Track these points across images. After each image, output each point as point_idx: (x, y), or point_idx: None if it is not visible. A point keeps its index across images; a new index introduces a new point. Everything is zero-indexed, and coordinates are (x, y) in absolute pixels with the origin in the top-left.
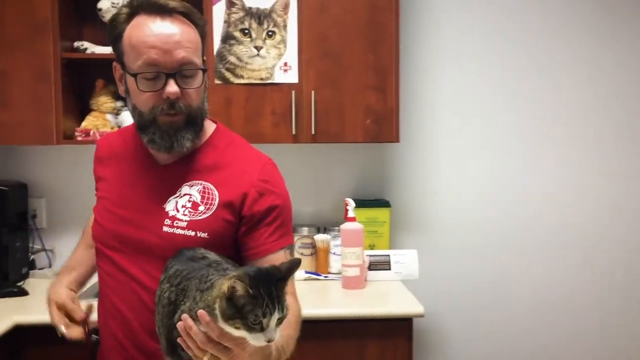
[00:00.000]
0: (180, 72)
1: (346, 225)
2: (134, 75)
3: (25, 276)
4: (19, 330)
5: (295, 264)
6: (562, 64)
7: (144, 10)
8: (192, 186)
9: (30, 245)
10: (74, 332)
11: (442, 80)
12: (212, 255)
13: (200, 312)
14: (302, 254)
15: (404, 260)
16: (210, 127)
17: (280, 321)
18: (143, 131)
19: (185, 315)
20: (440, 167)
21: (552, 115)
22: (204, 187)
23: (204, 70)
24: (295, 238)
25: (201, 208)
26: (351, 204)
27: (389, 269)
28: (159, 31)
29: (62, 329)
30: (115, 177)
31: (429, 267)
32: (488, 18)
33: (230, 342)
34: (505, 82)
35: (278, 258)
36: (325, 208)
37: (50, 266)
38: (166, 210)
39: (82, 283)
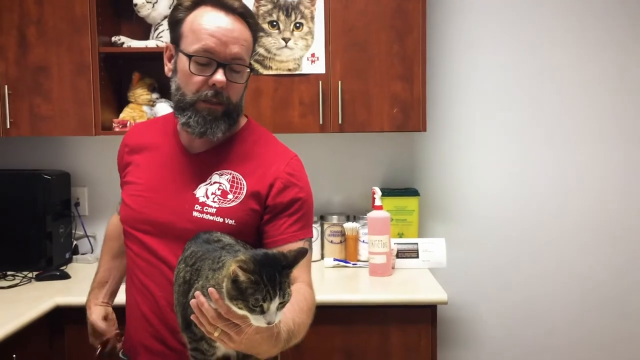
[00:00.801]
0: (231, 65)
1: (373, 214)
2: (189, 57)
3: (68, 260)
4: (59, 311)
5: (301, 254)
6: (599, 52)
7: (209, 3)
8: (222, 175)
9: (74, 231)
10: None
11: (470, 68)
12: (227, 239)
13: (211, 289)
14: (331, 241)
15: (432, 248)
16: (242, 120)
17: (282, 305)
18: (181, 112)
19: (197, 293)
20: (469, 156)
21: (583, 105)
22: (233, 177)
23: (251, 69)
24: (325, 226)
25: (230, 196)
26: (378, 192)
27: (417, 257)
28: (221, 24)
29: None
30: (147, 163)
31: (457, 255)
32: (516, 4)
33: (237, 319)
34: (534, 69)
35: (296, 248)
36: (354, 197)
37: (92, 251)
38: (196, 196)
39: (114, 293)
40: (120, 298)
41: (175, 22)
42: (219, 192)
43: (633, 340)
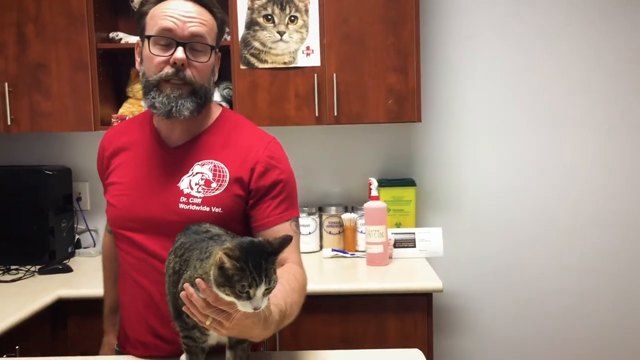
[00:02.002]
0: (191, 43)
1: (370, 204)
2: (149, 38)
3: (71, 254)
4: (62, 303)
5: (286, 240)
6: (595, 43)
7: None
8: (203, 165)
9: (76, 225)
10: None
11: (465, 58)
12: (215, 229)
13: (198, 280)
14: (330, 232)
15: (429, 238)
16: (217, 110)
17: (268, 291)
18: (147, 94)
19: (186, 284)
20: (465, 147)
21: (580, 94)
22: (214, 166)
23: (212, 48)
24: (323, 217)
25: (214, 185)
26: (374, 183)
27: (414, 247)
28: (178, 6)
29: None
30: (128, 162)
31: (454, 245)
32: None
33: (226, 306)
34: (529, 59)
35: (284, 229)
36: (352, 188)
37: (94, 245)
38: (180, 188)
39: None
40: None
41: (140, 16)
42: (202, 182)
43: (630, 324)
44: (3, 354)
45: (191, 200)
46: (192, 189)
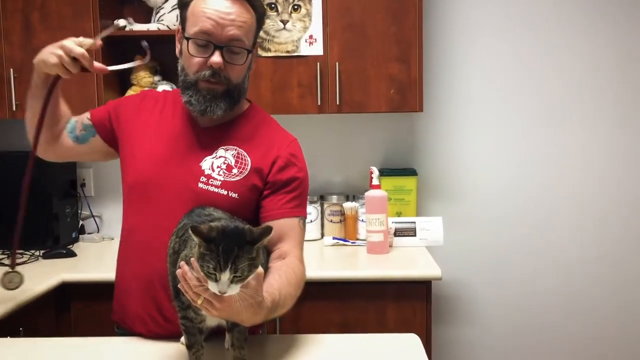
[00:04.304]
0: (228, 46)
1: (370, 193)
2: (188, 39)
3: (75, 240)
4: (66, 287)
5: (267, 231)
6: (600, 36)
7: None
8: (227, 150)
9: (80, 211)
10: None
11: (467, 48)
12: (218, 213)
13: (192, 259)
14: (331, 221)
15: (429, 227)
16: (246, 103)
17: (238, 279)
18: (184, 91)
19: (182, 262)
20: (467, 137)
21: (581, 86)
22: (238, 153)
23: (249, 52)
24: (325, 206)
25: (235, 171)
26: (375, 172)
27: (415, 236)
28: (219, 7)
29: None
30: (159, 130)
31: (454, 234)
32: None
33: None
34: (531, 50)
35: (291, 224)
36: (354, 176)
37: (98, 231)
38: (202, 168)
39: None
40: (109, 275)
41: (182, 5)
42: (224, 166)
43: (628, 315)
44: (7, 335)
45: (211, 181)
46: (213, 170)
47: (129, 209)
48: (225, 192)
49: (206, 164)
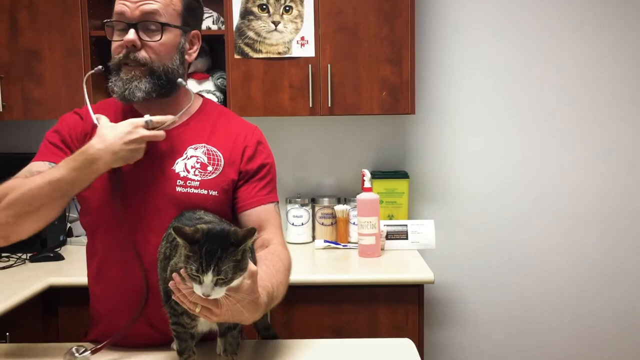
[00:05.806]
0: (141, 22)
1: (362, 196)
2: (106, 26)
3: (62, 243)
4: (53, 291)
5: (250, 233)
6: (592, 37)
7: None
8: (196, 149)
9: (67, 214)
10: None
11: (460, 51)
12: (209, 217)
13: (182, 270)
14: (322, 224)
15: (421, 230)
16: (198, 100)
17: (222, 282)
18: (109, 78)
19: (174, 274)
20: (459, 139)
21: (572, 86)
22: (207, 150)
23: (166, 26)
24: (316, 208)
25: (209, 168)
26: (367, 174)
27: (406, 239)
28: None
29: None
30: None
31: (446, 237)
32: None
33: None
34: (522, 52)
35: (268, 210)
36: (345, 179)
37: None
38: (176, 171)
39: None
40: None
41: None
42: (198, 165)
43: (622, 317)
44: None
45: (189, 183)
46: (188, 172)
47: (97, 230)
48: (205, 192)
49: (179, 166)
